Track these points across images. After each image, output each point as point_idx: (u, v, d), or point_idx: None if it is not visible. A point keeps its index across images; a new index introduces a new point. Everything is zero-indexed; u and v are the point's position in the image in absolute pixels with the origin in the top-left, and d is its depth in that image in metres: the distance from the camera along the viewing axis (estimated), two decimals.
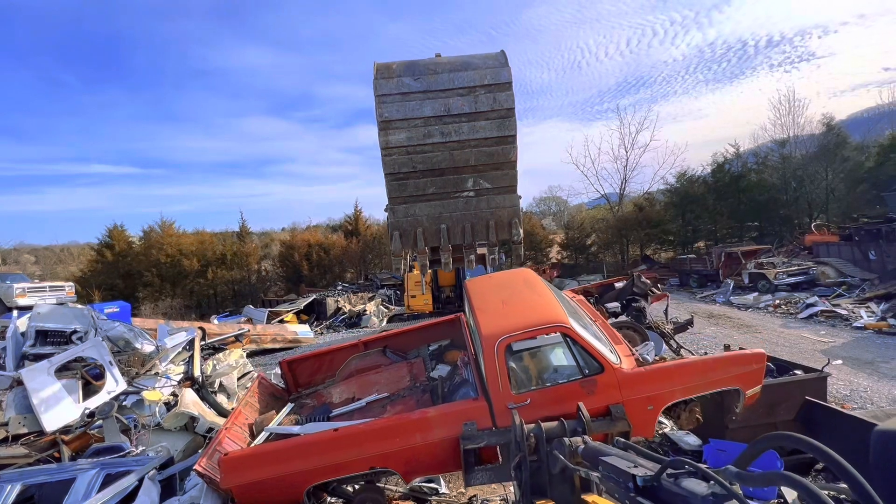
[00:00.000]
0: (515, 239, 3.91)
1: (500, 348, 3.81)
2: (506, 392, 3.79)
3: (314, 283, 24.76)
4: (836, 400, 6.70)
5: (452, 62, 3.12)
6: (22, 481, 4.04)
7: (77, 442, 4.74)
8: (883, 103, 31.89)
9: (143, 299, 23.02)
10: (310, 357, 5.66)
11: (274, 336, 13.73)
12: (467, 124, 3.14)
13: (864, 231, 15.93)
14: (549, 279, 22.48)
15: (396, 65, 3.26)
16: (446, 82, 3.08)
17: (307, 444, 3.88)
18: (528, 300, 4.43)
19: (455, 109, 3.07)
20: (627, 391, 3.84)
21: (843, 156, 23.91)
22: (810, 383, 5.35)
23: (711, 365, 4.05)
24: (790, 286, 15.52)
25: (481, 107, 3.07)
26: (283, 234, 38.24)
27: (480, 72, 3.00)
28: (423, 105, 3.11)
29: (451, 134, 3.16)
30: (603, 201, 30.79)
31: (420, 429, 3.82)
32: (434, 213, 3.54)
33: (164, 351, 6.06)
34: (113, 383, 5.23)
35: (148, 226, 25.34)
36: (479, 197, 3.46)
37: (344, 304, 18.36)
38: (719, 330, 11.85)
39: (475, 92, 3.03)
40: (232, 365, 6.72)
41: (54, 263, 37.50)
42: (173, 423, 5.25)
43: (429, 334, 5.64)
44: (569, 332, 3.86)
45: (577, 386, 3.82)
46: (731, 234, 25.44)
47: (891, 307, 11.47)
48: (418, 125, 3.18)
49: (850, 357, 8.76)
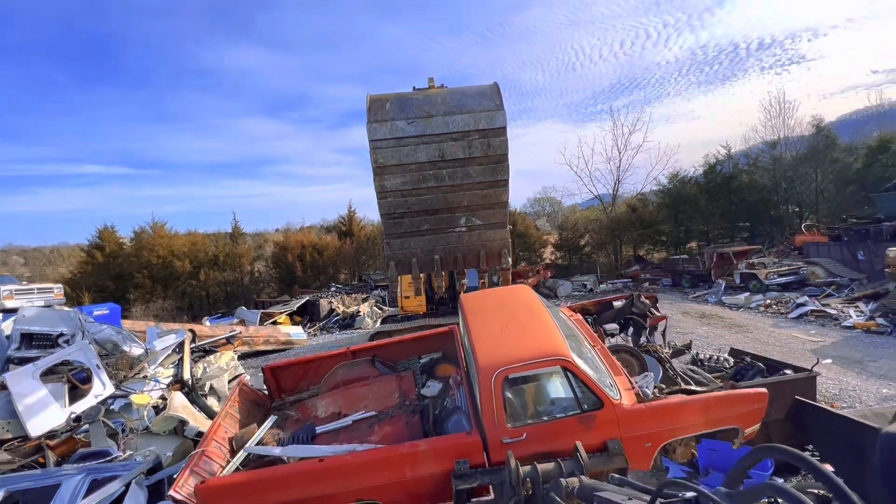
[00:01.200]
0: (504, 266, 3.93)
1: (497, 381, 3.68)
2: (501, 426, 3.67)
3: (308, 284, 24.62)
4: (826, 399, 6.76)
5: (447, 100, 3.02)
6: (5, 487, 3.96)
7: (63, 447, 4.66)
8: (871, 105, 32.39)
9: (134, 301, 22.74)
10: (295, 364, 5.50)
11: (266, 338, 13.63)
12: (461, 169, 3.14)
13: (852, 231, 16.14)
14: (544, 279, 22.50)
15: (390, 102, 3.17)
16: (440, 126, 3.04)
17: (290, 475, 3.70)
18: (527, 327, 4.29)
19: (449, 155, 3.08)
20: (626, 428, 3.75)
21: (833, 157, 24.21)
22: (800, 383, 5.40)
23: (714, 403, 3.94)
24: (781, 286, 15.67)
25: (475, 152, 3.07)
26: (277, 235, 37.99)
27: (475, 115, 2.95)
28: (418, 150, 3.11)
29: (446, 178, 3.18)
30: (596, 202, 30.92)
31: (410, 462, 3.66)
32: (428, 246, 3.60)
33: (152, 354, 5.98)
34: (100, 387, 5.15)
35: (139, 227, 25.06)
36: (471, 232, 3.47)
37: (338, 306, 18.27)
38: (711, 330, 11.93)
39: (469, 136, 3.02)
40: (223, 367, 6.65)
41: (44, 265, 36.93)
42: (162, 426, 5.17)
43: (420, 346, 5.50)
44: (569, 366, 3.75)
45: (575, 421, 3.71)
46: (723, 234, 25.65)
47: (879, 307, 11.61)
48: (413, 170, 3.20)
49: (839, 356, 8.85)
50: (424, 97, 3.06)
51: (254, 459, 4.23)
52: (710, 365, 6.18)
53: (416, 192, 3.24)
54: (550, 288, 21.30)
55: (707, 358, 6.37)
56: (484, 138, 3.00)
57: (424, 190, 3.19)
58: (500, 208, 3.31)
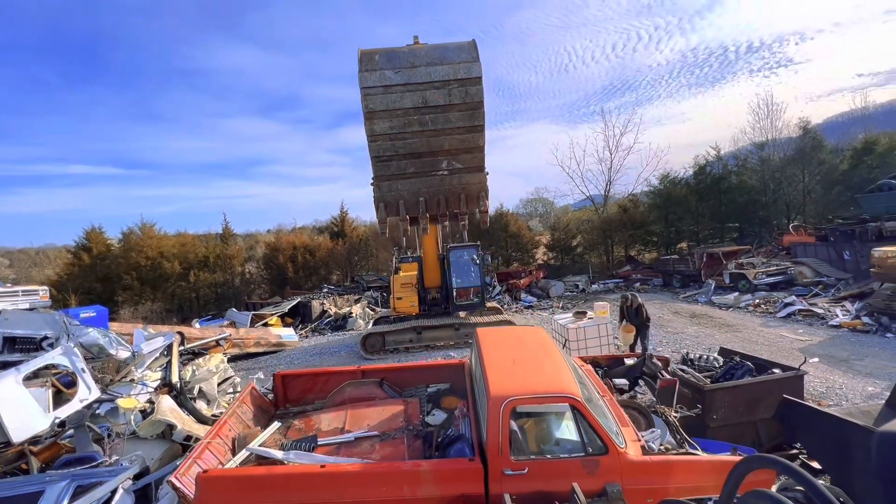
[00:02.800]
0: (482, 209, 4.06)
1: (506, 411, 3.67)
2: (505, 457, 3.63)
3: (299, 285, 24.43)
4: (813, 397, 6.86)
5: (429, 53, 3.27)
6: None
7: (46, 453, 4.56)
8: (856, 108, 32.97)
9: (122, 303, 22.40)
10: (305, 374, 5.63)
11: (257, 340, 13.49)
12: (442, 115, 3.41)
13: (838, 232, 16.39)
14: (536, 280, 22.57)
15: (379, 55, 3.40)
16: (424, 76, 3.30)
17: (291, 476, 3.72)
18: (540, 364, 4.34)
19: (431, 101, 3.36)
20: (629, 479, 3.66)
21: (819, 159, 24.59)
22: (788, 382, 5.47)
23: (719, 467, 3.78)
24: (769, 286, 15.88)
25: (454, 99, 3.36)
26: (269, 235, 37.67)
27: (454, 66, 3.19)
28: (404, 97, 3.40)
29: (428, 123, 3.48)
30: (588, 203, 31.09)
31: (409, 481, 3.63)
32: (413, 188, 3.88)
33: (140, 357, 5.88)
34: (85, 391, 5.05)
35: (127, 228, 24.69)
36: (452, 175, 3.73)
37: (330, 307, 18.15)
38: (701, 329, 12.05)
39: (449, 85, 3.30)
40: (212, 370, 6.56)
41: (29, 266, 36.28)
42: (149, 431, 5.09)
43: (429, 374, 5.56)
44: (578, 405, 3.74)
45: (578, 463, 3.65)
46: (713, 234, 25.92)
47: (864, 306, 11.81)
48: (399, 115, 3.50)
49: (826, 355, 8.98)
50: (410, 50, 3.37)
51: (254, 461, 4.22)
52: (699, 365, 6.23)
53: (402, 137, 3.54)
54: (543, 288, 21.36)
55: (697, 358, 6.42)
56: (462, 87, 3.29)
57: (409, 134, 3.49)
58: (477, 152, 3.53)
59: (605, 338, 8.82)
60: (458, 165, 3.52)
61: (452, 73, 3.00)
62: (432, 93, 3.13)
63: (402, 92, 3.23)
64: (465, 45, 3.26)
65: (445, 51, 3.13)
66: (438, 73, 3.07)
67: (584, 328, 8.74)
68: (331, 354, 12.70)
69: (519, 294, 20.58)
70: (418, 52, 3.15)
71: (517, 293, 20.68)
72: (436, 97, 3.11)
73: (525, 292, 21.00)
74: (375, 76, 3.21)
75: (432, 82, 3.09)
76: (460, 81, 3.08)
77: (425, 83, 3.11)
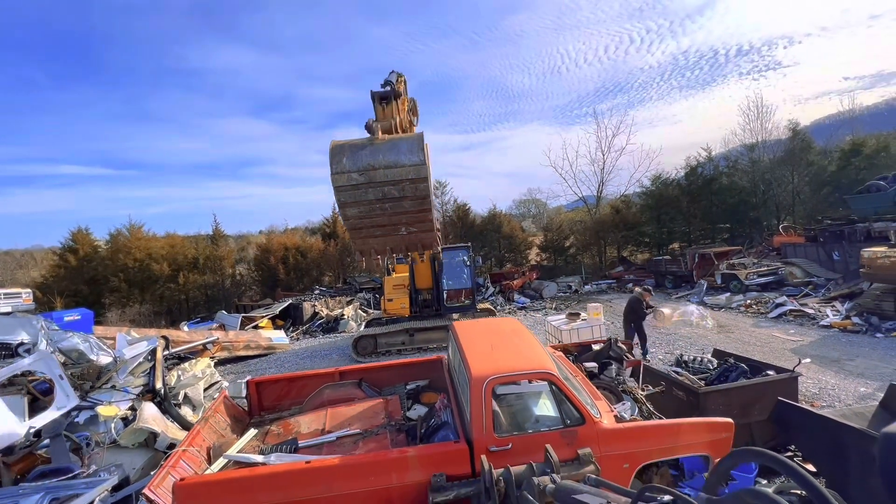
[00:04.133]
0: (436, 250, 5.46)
1: (488, 389, 3.83)
2: (489, 434, 3.78)
3: (291, 287, 24.16)
4: (807, 398, 6.84)
5: (386, 155, 4.11)
6: None
7: (21, 464, 4.37)
8: (843, 110, 33.43)
9: (109, 306, 21.99)
10: (280, 380, 5.49)
11: (247, 343, 13.27)
12: (398, 203, 4.42)
13: (827, 232, 16.55)
14: (529, 280, 22.54)
15: (346, 157, 4.24)
16: (382, 177, 4.24)
17: (275, 476, 3.62)
18: (517, 347, 4.58)
19: (389, 196, 4.33)
20: (606, 446, 3.92)
21: (808, 160, 24.86)
22: (782, 384, 5.43)
23: (686, 429, 4.19)
24: (760, 286, 15.97)
25: (407, 194, 4.30)
26: (260, 237, 37.29)
27: (406, 169, 4.15)
28: (367, 192, 4.34)
29: (388, 209, 4.48)
30: (581, 204, 31.19)
31: (397, 468, 3.66)
32: (381, 243, 4.88)
33: (122, 362, 5.69)
34: (63, 398, 4.85)
35: (115, 229, 24.26)
36: (410, 235, 4.73)
37: (321, 309, 17.95)
38: (694, 330, 12.04)
39: (402, 184, 4.23)
40: (198, 375, 6.39)
41: (14, 269, 35.58)
42: (131, 439, 4.92)
43: (407, 372, 5.58)
44: (555, 380, 3.99)
45: (558, 435, 3.85)
46: (704, 235, 26.09)
47: (854, 306, 11.89)
48: (365, 204, 4.45)
49: (817, 355, 9.00)
50: (371, 149, 4.21)
51: (232, 468, 4.07)
52: (693, 366, 6.19)
53: (369, 217, 4.58)
54: (536, 289, 21.32)
55: (691, 360, 6.38)
56: (412, 185, 4.28)
57: (374, 215, 4.55)
58: (428, 223, 4.63)
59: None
60: (413, 230, 4.70)
61: (404, 174, 4.11)
62: (389, 189, 4.22)
63: (366, 188, 4.23)
64: (414, 143, 4.17)
65: (399, 153, 4.09)
66: (393, 175, 4.14)
67: (578, 330, 8.67)
68: (322, 357, 12.53)
69: (512, 295, 20.53)
70: (377, 149, 4.14)
71: (510, 294, 20.64)
72: (392, 192, 4.23)
73: (518, 293, 20.95)
74: (344, 178, 4.22)
75: (389, 181, 4.16)
76: (410, 181, 4.17)
77: (384, 182, 4.18)
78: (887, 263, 10.62)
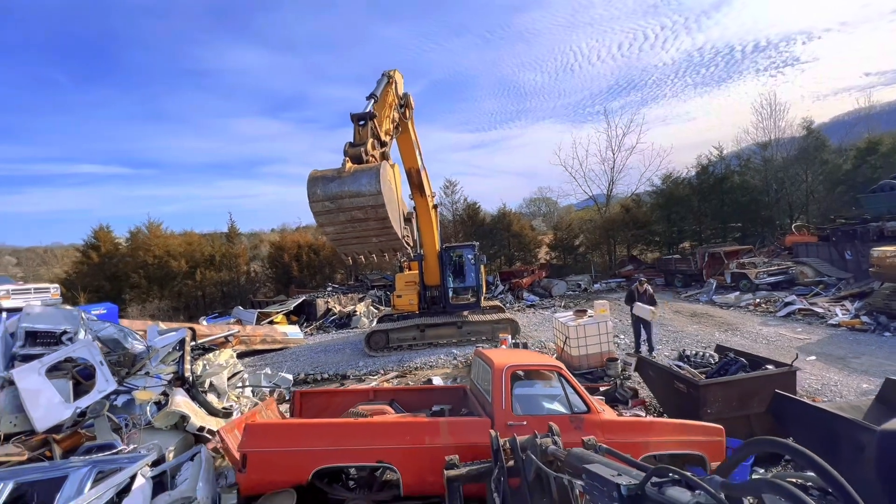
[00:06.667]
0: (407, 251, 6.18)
1: (507, 375, 4.54)
2: (508, 412, 4.44)
3: (304, 284, 24.69)
4: (808, 394, 7.00)
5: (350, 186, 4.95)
6: (15, 479, 4.08)
7: (68, 441, 4.79)
8: (860, 108, 32.89)
9: (129, 301, 22.73)
10: (322, 393, 6.37)
11: (264, 337, 13.75)
12: (364, 223, 5.21)
13: (840, 232, 16.44)
14: (538, 279, 22.72)
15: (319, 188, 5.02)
16: (349, 204, 5.02)
17: (326, 426, 4.47)
18: (531, 355, 6.14)
19: (356, 218, 5.14)
20: (608, 434, 4.35)
21: (823, 159, 24.59)
22: (780, 377, 5.63)
23: (680, 428, 4.69)
24: (770, 285, 15.95)
25: (370, 216, 5.10)
26: (273, 235, 37.99)
27: (366, 198, 4.94)
28: (339, 215, 5.14)
29: (358, 227, 5.28)
30: (591, 203, 31.19)
31: (429, 432, 4.31)
32: (359, 249, 5.73)
33: (154, 351, 6.11)
34: (104, 382, 5.27)
35: (135, 227, 25.03)
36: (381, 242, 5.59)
37: (334, 305, 18.40)
38: (701, 328, 12.18)
39: (365, 209, 5.03)
40: (222, 365, 6.79)
41: (37, 265, 36.79)
42: (164, 421, 5.31)
43: (433, 397, 6.27)
44: (564, 374, 4.70)
45: (566, 419, 4.42)
46: (715, 234, 25.94)
47: (864, 305, 11.90)
48: (338, 224, 5.24)
49: (823, 353, 9.11)
50: (338, 181, 5.02)
51: None
52: (695, 361, 6.40)
53: (344, 233, 5.38)
54: (545, 287, 21.51)
55: (693, 354, 6.59)
56: (373, 209, 5.05)
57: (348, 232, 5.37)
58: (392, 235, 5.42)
59: (605, 335, 8.98)
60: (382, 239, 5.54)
61: (365, 202, 4.99)
62: (356, 213, 5.10)
63: (337, 213, 5.13)
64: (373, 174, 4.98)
65: (360, 184, 4.96)
66: (357, 202, 5.02)
67: (585, 326, 8.90)
68: (335, 351, 12.93)
69: (521, 293, 20.74)
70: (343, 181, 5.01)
71: (520, 292, 20.85)
72: (358, 215, 5.12)
73: (528, 291, 21.16)
74: (319, 205, 5.10)
75: (354, 208, 5.05)
76: (371, 207, 5.03)
77: (350, 208, 5.06)
78: None
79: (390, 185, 5.36)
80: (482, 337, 12.21)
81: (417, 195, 11.25)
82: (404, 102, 8.71)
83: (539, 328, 13.91)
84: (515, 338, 11.59)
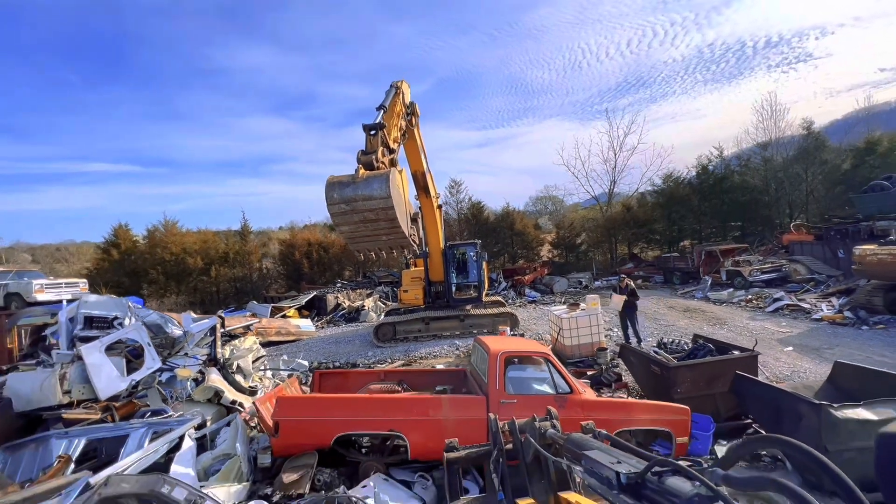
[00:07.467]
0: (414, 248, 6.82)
1: (501, 359, 5.24)
2: (501, 390, 5.13)
3: (314, 280, 25.59)
4: (777, 379, 7.66)
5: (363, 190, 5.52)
6: (87, 436, 4.94)
7: (125, 409, 5.63)
8: (860, 108, 33.07)
9: (148, 296, 23.76)
10: (338, 374, 7.10)
11: (278, 329, 14.62)
12: (375, 223, 5.77)
13: (833, 231, 16.95)
14: (540, 276, 23.41)
15: (336, 192, 5.58)
16: (362, 206, 5.59)
17: (348, 400, 5.31)
18: (524, 342, 7.09)
19: (369, 219, 5.69)
20: (589, 413, 5.00)
21: (822, 158, 24.97)
22: (743, 361, 6.33)
23: (651, 406, 5.42)
24: (764, 283, 16.51)
25: (380, 218, 5.65)
26: (282, 232, 38.97)
27: (376, 201, 5.51)
28: (353, 216, 5.69)
29: (370, 227, 5.81)
30: (595, 202, 31.78)
31: (434, 407, 5.12)
32: (370, 246, 6.28)
33: (190, 335, 6.95)
34: (151, 361, 6.11)
35: (152, 225, 26.11)
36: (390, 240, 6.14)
37: (343, 301, 19.25)
38: (692, 323, 12.81)
39: (376, 212, 5.59)
40: (248, 349, 7.62)
41: (52, 262, 37.95)
42: (202, 395, 6.14)
43: (437, 378, 6.98)
44: (551, 359, 5.44)
45: (552, 398, 5.08)
46: (715, 233, 26.43)
47: (848, 301, 12.48)
48: (352, 224, 5.78)
49: (800, 344, 9.75)
50: (353, 186, 5.53)
51: None
52: (671, 348, 7.12)
53: (357, 232, 5.92)
54: (547, 284, 22.19)
55: (670, 342, 7.30)
56: (383, 211, 5.56)
57: (361, 232, 5.92)
58: (400, 234, 5.93)
59: (596, 326, 9.68)
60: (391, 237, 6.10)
61: (376, 204, 5.51)
62: (368, 214, 5.63)
63: (351, 214, 5.66)
64: (383, 180, 5.50)
65: (371, 189, 5.49)
66: (369, 205, 5.54)
67: (577, 318, 9.62)
68: (346, 343, 13.76)
69: (524, 289, 21.45)
70: (357, 186, 5.54)
71: (522, 289, 21.56)
72: (370, 216, 5.66)
73: (530, 288, 21.86)
74: (336, 207, 5.62)
75: (367, 209, 5.60)
76: (381, 209, 5.54)
77: (363, 210, 5.60)
78: (875, 260, 11.22)
79: (398, 189, 5.96)
80: (483, 329, 12.96)
81: (423, 196, 12.03)
82: (411, 111, 9.48)
83: (538, 322, 14.63)
84: (514, 330, 12.33)
